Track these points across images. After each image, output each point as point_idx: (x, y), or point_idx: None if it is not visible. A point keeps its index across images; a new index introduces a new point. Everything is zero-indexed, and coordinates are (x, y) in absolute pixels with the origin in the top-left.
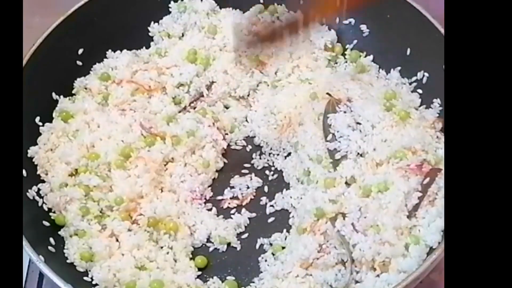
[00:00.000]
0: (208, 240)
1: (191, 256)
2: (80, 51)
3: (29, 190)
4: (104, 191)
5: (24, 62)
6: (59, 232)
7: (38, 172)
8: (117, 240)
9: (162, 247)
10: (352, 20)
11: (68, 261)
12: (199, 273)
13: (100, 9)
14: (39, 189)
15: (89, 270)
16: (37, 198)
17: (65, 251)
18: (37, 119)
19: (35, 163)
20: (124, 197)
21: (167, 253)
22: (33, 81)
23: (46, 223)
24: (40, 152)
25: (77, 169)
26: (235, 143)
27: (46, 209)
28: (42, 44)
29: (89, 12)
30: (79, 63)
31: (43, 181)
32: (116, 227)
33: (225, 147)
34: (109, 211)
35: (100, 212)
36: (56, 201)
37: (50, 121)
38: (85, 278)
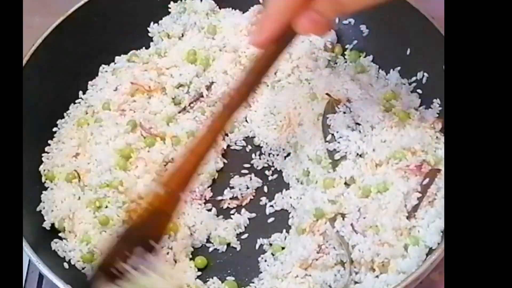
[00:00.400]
0: (208, 241)
1: (191, 256)
2: (80, 51)
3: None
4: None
5: (24, 62)
6: (59, 234)
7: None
8: None
9: (162, 247)
10: (352, 20)
11: (68, 261)
12: (199, 273)
13: (100, 9)
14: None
15: (89, 269)
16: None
17: (65, 252)
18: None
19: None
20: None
21: (167, 253)
22: (33, 81)
23: (47, 224)
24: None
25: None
26: (235, 143)
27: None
28: (42, 44)
29: (89, 12)
30: (79, 63)
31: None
32: (119, 227)
33: (225, 148)
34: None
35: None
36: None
37: (50, 121)
38: (84, 277)
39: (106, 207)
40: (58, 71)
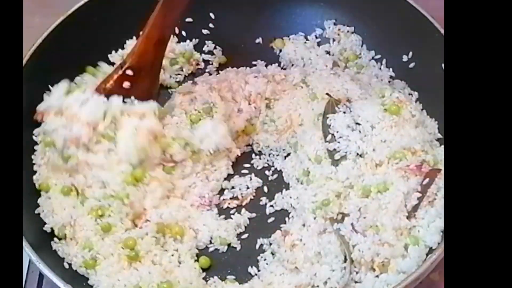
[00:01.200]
0: (209, 241)
1: (195, 258)
2: (80, 51)
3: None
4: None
5: (24, 62)
6: (60, 240)
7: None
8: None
9: (166, 250)
10: (352, 20)
11: (68, 261)
12: (203, 274)
13: (100, 9)
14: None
15: (91, 273)
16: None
17: (65, 252)
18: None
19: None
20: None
21: (172, 255)
22: (33, 81)
23: (47, 227)
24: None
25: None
26: None
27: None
28: (42, 44)
29: (89, 12)
30: (79, 63)
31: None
32: (122, 234)
33: (239, 154)
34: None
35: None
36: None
37: None
38: (85, 279)
39: (109, 215)
40: (58, 71)
